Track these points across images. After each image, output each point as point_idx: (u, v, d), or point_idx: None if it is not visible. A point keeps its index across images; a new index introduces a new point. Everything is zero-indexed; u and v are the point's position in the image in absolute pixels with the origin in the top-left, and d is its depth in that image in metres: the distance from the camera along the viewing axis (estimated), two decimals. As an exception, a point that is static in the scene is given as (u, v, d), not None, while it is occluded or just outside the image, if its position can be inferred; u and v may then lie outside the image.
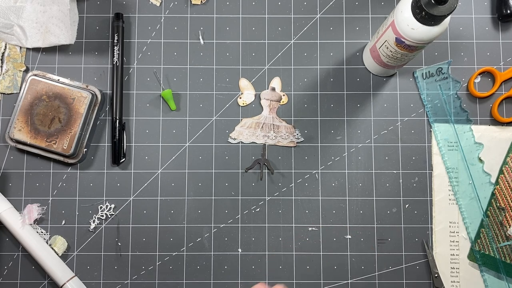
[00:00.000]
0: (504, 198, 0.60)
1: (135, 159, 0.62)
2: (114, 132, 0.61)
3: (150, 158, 0.62)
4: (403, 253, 0.61)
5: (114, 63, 0.62)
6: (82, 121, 0.59)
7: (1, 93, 0.62)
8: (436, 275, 0.60)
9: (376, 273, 0.61)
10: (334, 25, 0.64)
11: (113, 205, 0.61)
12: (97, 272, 0.61)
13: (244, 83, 0.63)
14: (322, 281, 0.61)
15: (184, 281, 0.61)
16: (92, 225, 0.61)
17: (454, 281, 0.60)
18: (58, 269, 0.58)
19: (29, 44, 0.62)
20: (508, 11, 0.62)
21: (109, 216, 0.61)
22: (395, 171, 0.62)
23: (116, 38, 0.62)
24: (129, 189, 0.62)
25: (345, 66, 0.63)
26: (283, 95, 0.63)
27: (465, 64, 0.63)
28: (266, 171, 0.62)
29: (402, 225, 0.61)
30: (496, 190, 0.61)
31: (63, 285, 0.58)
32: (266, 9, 0.64)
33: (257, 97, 0.63)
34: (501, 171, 0.61)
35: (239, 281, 0.61)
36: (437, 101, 0.62)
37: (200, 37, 0.63)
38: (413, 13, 0.49)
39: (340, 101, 0.63)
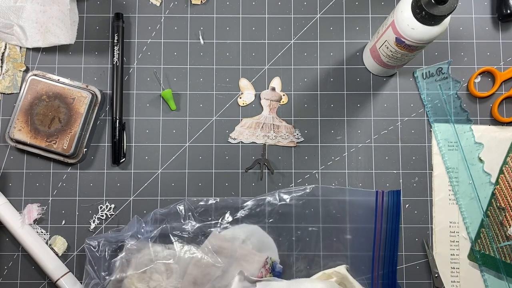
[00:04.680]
0: (504, 198, 0.60)
1: (135, 159, 0.62)
2: (114, 132, 0.61)
3: (150, 158, 0.62)
4: (403, 253, 0.61)
5: (114, 63, 0.62)
6: (82, 121, 0.59)
7: (1, 93, 0.62)
8: (436, 275, 0.60)
9: (376, 273, 0.61)
10: (334, 25, 0.64)
11: (113, 205, 0.61)
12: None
13: (244, 83, 0.63)
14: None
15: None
16: (92, 225, 0.61)
17: (454, 281, 0.60)
18: (52, 265, 0.58)
19: (29, 44, 0.62)
20: (508, 11, 0.62)
21: (109, 216, 0.61)
22: (395, 171, 0.62)
23: (116, 38, 0.62)
24: (129, 189, 0.62)
25: (345, 66, 0.63)
26: (283, 95, 0.63)
27: (465, 64, 0.63)
28: (266, 171, 0.62)
29: (402, 225, 0.61)
30: (496, 190, 0.61)
31: (57, 280, 0.58)
32: (266, 9, 0.64)
33: (257, 97, 0.63)
34: (501, 171, 0.61)
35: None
36: (437, 101, 0.62)
37: (200, 37, 0.63)
38: (413, 13, 0.49)
39: (340, 101, 0.63)
